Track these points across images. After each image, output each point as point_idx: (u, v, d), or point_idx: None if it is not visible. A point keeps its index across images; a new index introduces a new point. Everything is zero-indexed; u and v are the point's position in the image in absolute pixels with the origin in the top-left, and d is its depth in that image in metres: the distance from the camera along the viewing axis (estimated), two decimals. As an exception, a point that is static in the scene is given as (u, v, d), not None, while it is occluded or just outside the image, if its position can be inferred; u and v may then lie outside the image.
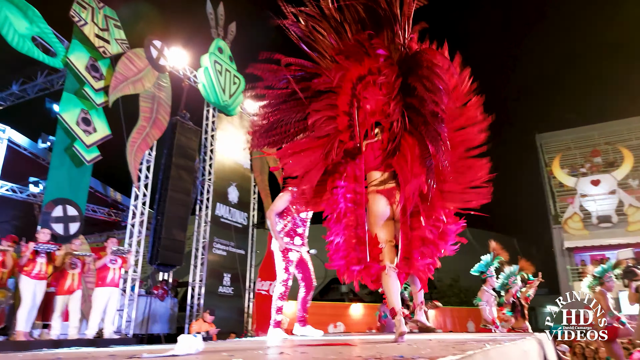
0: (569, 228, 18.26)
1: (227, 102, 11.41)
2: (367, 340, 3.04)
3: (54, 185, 7.82)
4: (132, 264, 8.53)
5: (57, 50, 7.96)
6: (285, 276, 4.01)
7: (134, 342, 7.54)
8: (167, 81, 9.81)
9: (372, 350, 1.80)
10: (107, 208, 11.47)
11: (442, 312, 15.02)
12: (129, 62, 9.01)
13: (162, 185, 9.41)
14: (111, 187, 11.24)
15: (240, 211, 11.75)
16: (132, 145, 8.82)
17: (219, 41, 11.43)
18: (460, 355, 1.25)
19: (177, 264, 9.49)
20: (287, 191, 4.19)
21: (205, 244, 10.53)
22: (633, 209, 17.42)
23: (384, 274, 2.66)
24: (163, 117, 9.55)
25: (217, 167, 11.21)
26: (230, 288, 10.89)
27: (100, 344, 6.11)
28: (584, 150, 21.11)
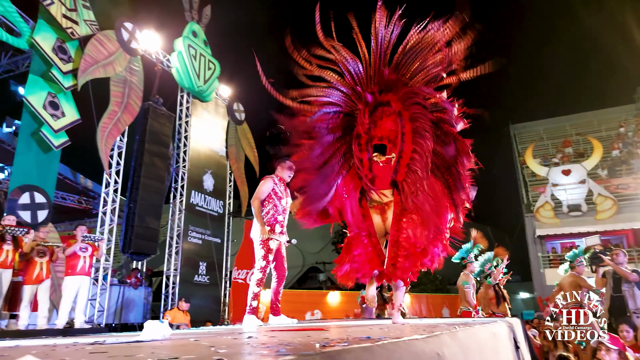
0: (541, 216, 18.75)
1: (202, 88, 11.21)
2: (340, 325, 3.08)
3: (20, 171, 7.56)
4: (104, 253, 8.37)
5: (22, 30, 7.64)
6: (263, 263, 4.01)
7: (106, 331, 7.43)
8: (139, 65, 9.56)
9: (341, 334, 1.82)
10: (77, 195, 11.19)
11: (417, 299, 15.31)
12: (99, 45, 8.72)
13: (134, 172, 9.22)
14: (81, 174, 10.96)
15: (215, 199, 11.63)
16: (102, 131, 8.58)
17: (193, 25, 11.19)
18: (426, 335, 1.27)
19: (151, 252, 9.35)
20: (268, 178, 4.18)
21: (180, 232, 10.40)
22: (602, 198, 17.98)
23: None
24: (135, 102, 9.32)
25: (191, 154, 11.04)
26: (206, 277, 10.82)
27: (71, 334, 6.02)
28: (555, 140, 21.66)
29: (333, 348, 0.87)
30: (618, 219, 17.38)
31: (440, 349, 1.20)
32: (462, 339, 1.47)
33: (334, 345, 1.00)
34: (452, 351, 1.28)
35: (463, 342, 1.46)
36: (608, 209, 17.66)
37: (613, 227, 17.33)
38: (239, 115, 12.76)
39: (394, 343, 1.00)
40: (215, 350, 1.08)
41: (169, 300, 9.88)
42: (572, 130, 21.80)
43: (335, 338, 1.28)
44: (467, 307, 6.59)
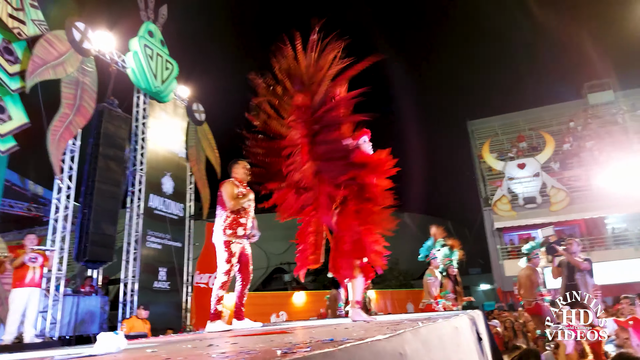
0: (498, 210, 19.42)
1: (159, 88, 10.90)
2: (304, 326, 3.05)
3: (-38, 178, 7.10)
4: (57, 262, 7.98)
5: (-38, 29, 7.18)
6: (227, 267, 3.94)
7: (58, 345, 7.08)
8: (92, 66, 9.18)
9: (305, 337, 1.79)
10: (26, 203, 10.60)
11: (382, 295, 15.51)
12: (49, 45, 8.30)
13: (88, 176, 8.85)
14: (30, 180, 10.39)
15: (175, 202, 11.34)
16: (53, 135, 8.17)
17: (149, 24, 10.87)
18: (389, 334, 1.26)
19: (108, 260, 9.00)
20: (227, 182, 4.13)
21: (138, 237, 10.07)
22: (555, 190, 18.83)
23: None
24: (88, 104, 8.93)
25: (149, 157, 10.71)
26: (167, 283, 10.52)
27: (19, 350, 5.69)
28: (510, 135, 22.51)
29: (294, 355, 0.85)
30: (571, 210, 18.25)
31: (403, 347, 1.20)
32: (424, 335, 1.48)
33: (296, 351, 0.97)
34: (414, 348, 1.28)
35: (425, 338, 1.47)
36: (561, 201, 18.51)
37: (566, 218, 18.19)
38: (199, 116, 12.50)
39: (356, 345, 0.99)
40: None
41: (127, 308, 9.54)
42: (525, 126, 22.70)
43: (298, 342, 1.25)
44: (429, 299, 6.76)
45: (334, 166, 3.30)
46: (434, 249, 7.01)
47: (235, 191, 4.07)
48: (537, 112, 23.18)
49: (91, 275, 9.92)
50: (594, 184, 18.16)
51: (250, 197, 4.14)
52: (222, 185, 4.14)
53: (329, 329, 2.34)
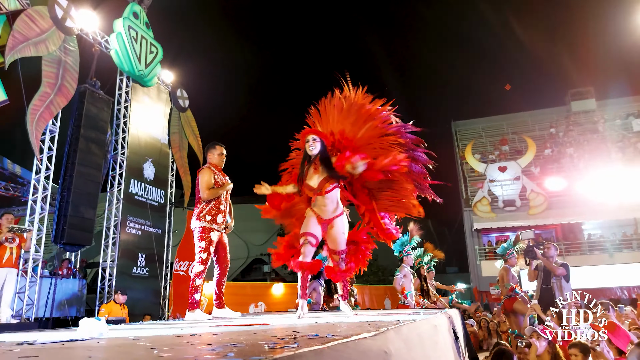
0: (478, 211, 19.74)
1: (143, 72, 10.73)
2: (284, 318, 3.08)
3: (-64, 155, 6.91)
4: (34, 243, 7.84)
5: (-60, 0, 6.94)
6: (204, 256, 3.92)
7: (35, 326, 7.00)
8: (74, 45, 8.97)
9: (288, 330, 1.81)
10: (3, 182, 10.34)
11: (361, 289, 15.65)
12: (30, 21, 8.07)
13: (68, 158, 8.68)
14: (8, 159, 10.13)
15: (156, 188, 11.22)
16: (33, 114, 7.99)
17: (134, 5, 10.65)
18: (374, 332, 1.29)
19: (86, 243, 8.87)
20: (205, 168, 4.10)
21: (117, 222, 9.94)
22: (534, 194, 19.21)
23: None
24: (70, 84, 8.75)
25: (131, 141, 10.56)
26: (146, 269, 10.44)
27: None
28: (493, 138, 22.83)
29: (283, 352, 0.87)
30: (549, 214, 18.68)
31: (387, 346, 1.23)
32: (405, 334, 1.51)
33: (283, 346, 0.99)
34: (397, 347, 1.31)
35: (406, 337, 1.51)
36: (540, 205, 18.92)
37: (544, 222, 18.63)
38: (183, 102, 12.35)
39: (343, 344, 1.01)
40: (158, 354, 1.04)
41: (105, 292, 9.44)
42: (509, 129, 23.05)
43: (283, 337, 1.27)
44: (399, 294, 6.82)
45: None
46: (408, 245, 7.04)
47: (212, 180, 4.03)
48: (520, 116, 23.54)
49: (69, 258, 9.78)
50: (572, 190, 18.60)
51: (228, 187, 4.12)
52: (199, 172, 4.11)
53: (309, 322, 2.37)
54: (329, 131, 3.78)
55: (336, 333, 1.25)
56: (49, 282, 8.31)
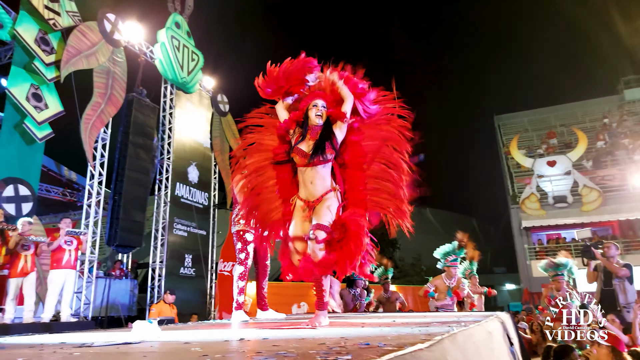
0: (526, 208, 18.96)
1: (186, 79, 11.07)
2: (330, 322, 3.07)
3: (3, 163, 7.41)
4: (89, 246, 8.27)
5: (4, 21, 7.46)
6: (242, 256, 3.97)
7: (92, 325, 7.38)
8: (122, 56, 9.39)
9: (336, 337, 1.80)
10: (61, 188, 11.00)
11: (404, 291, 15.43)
12: (82, 36, 8.54)
13: (119, 164, 9.10)
14: (65, 166, 10.75)
15: (200, 191, 11.55)
16: (86, 123, 8.44)
17: (176, 16, 11.02)
18: (429, 343, 1.24)
19: (137, 245, 9.27)
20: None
21: (165, 224, 10.32)
22: (587, 189, 18.22)
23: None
24: (118, 94, 9.16)
25: (176, 146, 10.93)
26: (192, 269, 10.77)
27: (57, 328, 5.95)
28: (540, 132, 21.91)
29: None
30: (604, 211, 17.63)
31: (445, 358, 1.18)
32: (461, 343, 1.45)
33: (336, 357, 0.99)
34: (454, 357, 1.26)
35: (463, 346, 1.45)
36: (594, 201, 17.94)
37: (599, 219, 17.62)
38: (223, 107, 12.66)
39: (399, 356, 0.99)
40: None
41: (155, 292, 9.82)
42: (556, 122, 22.06)
43: (332, 345, 1.27)
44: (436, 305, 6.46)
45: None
46: (454, 255, 6.43)
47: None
48: (569, 107, 22.48)
49: (121, 259, 10.24)
50: (629, 184, 17.55)
51: None
52: (233, 176, 4.05)
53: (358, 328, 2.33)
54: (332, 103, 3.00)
55: (387, 342, 1.23)
56: (104, 283, 8.74)
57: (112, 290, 8.89)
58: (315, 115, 2.87)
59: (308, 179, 2.80)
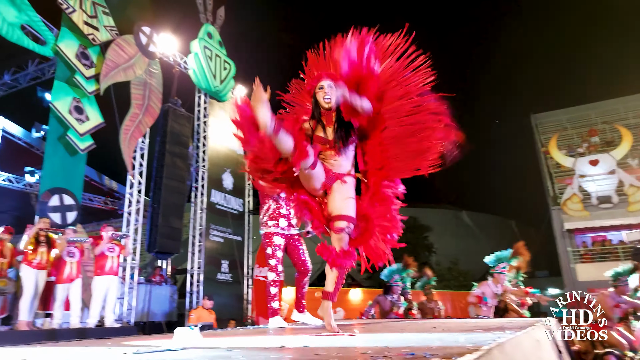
0: (569, 209, 18.22)
1: (218, 88, 11.30)
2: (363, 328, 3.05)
3: (49, 174, 7.77)
4: (131, 252, 8.55)
5: (47, 38, 7.82)
6: (273, 262, 3.85)
7: (134, 330, 7.59)
8: (157, 68, 9.69)
9: (378, 343, 1.77)
10: (103, 197, 11.43)
11: (441, 296, 15.09)
12: (119, 49, 8.87)
13: (156, 172, 9.38)
14: (106, 176, 11.19)
15: (235, 197, 11.73)
16: (125, 133, 8.75)
17: (208, 26, 11.28)
18: (479, 353, 1.18)
19: (175, 251, 9.51)
20: None
21: (201, 230, 10.54)
22: (633, 188, 17.33)
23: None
24: (155, 104, 9.46)
25: (210, 154, 11.16)
26: (229, 275, 10.94)
27: (102, 333, 6.17)
28: (580, 130, 21.03)
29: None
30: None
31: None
32: (510, 353, 1.39)
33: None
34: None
35: (511, 356, 1.40)
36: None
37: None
38: (257, 114, 12.80)
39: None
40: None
41: (193, 297, 10.03)
42: (597, 119, 21.14)
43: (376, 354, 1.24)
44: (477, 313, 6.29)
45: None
46: (506, 262, 6.31)
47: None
48: (610, 104, 21.46)
49: (160, 266, 10.52)
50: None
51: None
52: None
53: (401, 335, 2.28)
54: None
55: (433, 352, 1.19)
56: (145, 289, 8.99)
57: (153, 296, 9.14)
58: (324, 99, 2.64)
59: (331, 160, 2.64)
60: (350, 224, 2.54)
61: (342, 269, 2.57)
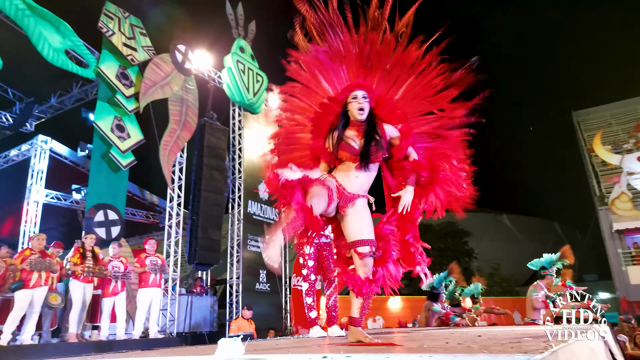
0: (617, 209, 17.34)
1: (252, 101, 11.50)
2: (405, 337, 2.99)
3: (94, 191, 8.10)
4: (172, 264, 8.79)
5: (89, 61, 8.21)
6: (305, 272, 3.86)
7: (177, 341, 7.75)
8: (193, 84, 9.98)
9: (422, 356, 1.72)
10: (145, 211, 11.81)
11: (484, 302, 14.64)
12: (156, 68, 9.20)
13: (195, 186, 9.61)
14: (147, 190, 11.57)
15: (271, 207, 11.85)
16: (164, 148, 9.03)
17: (240, 41, 11.53)
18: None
19: (215, 262, 9.68)
20: None
21: (239, 241, 10.69)
22: (686, 185, 16.40)
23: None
24: (192, 119, 9.73)
25: (246, 165, 11.34)
26: (267, 284, 11.02)
27: (146, 344, 6.33)
28: (626, 125, 20.06)
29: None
30: None
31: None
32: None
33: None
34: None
35: None
36: (695, 198, 16.07)
37: (703, 218, 15.73)
38: (290, 124, 12.93)
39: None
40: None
41: (233, 308, 10.16)
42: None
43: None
44: (531, 316, 6.09)
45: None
46: (554, 265, 6.15)
47: None
48: (657, 96, 20.42)
49: (201, 277, 10.73)
50: None
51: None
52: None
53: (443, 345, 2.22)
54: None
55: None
56: (186, 300, 9.18)
57: (194, 307, 9.32)
58: (357, 110, 2.53)
59: (351, 173, 2.52)
60: (373, 248, 2.44)
61: (369, 298, 2.47)
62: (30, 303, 5.69)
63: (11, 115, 10.59)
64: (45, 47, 7.46)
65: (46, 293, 5.92)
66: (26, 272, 5.71)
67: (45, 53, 7.47)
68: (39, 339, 6.24)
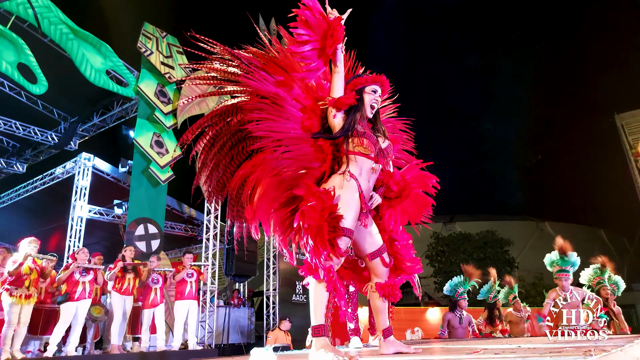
0: (665, 214, 16.49)
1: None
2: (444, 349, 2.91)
3: (134, 205, 8.38)
4: (210, 277, 8.93)
5: (129, 80, 8.57)
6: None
7: (216, 353, 7.84)
8: (228, 99, 10.20)
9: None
10: (183, 224, 12.07)
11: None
12: (193, 85, 9.48)
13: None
14: (186, 204, 11.85)
15: (307, 219, 11.88)
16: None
17: (271, 52, 11.72)
18: None
19: (252, 274, 9.77)
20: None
21: (275, 253, 10.75)
22: None
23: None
24: (227, 134, 9.94)
25: (281, 178, 11.43)
26: (303, 296, 11.00)
27: (185, 356, 6.43)
28: (675, 127, 19.10)
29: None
30: None
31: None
32: None
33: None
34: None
35: None
36: None
37: None
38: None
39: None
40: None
41: (270, 319, 10.20)
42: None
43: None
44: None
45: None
46: (599, 276, 6.08)
47: None
48: None
49: (238, 288, 10.85)
50: None
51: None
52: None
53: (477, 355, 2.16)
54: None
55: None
56: (224, 312, 9.29)
57: (232, 319, 9.42)
58: (370, 105, 2.40)
59: (369, 172, 2.32)
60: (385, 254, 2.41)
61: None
62: (75, 315, 5.89)
63: (56, 135, 11.12)
64: (87, 68, 7.84)
65: (89, 306, 6.12)
66: (71, 285, 5.93)
67: (87, 74, 7.85)
68: (83, 350, 6.44)
